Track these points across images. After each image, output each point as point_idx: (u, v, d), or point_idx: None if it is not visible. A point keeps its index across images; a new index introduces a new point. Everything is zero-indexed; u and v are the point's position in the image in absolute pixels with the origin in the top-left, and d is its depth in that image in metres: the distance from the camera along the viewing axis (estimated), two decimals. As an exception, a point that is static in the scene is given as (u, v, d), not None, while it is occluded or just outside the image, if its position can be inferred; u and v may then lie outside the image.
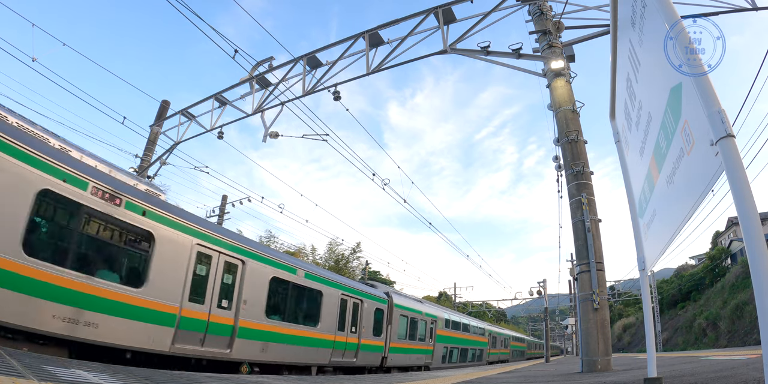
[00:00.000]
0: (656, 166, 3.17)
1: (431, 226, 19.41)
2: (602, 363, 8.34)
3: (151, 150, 16.93)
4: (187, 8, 9.53)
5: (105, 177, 6.72)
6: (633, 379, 5.26)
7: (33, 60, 10.97)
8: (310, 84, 13.63)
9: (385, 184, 14.60)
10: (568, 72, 10.57)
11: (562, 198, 16.71)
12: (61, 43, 11.78)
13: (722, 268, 37.60)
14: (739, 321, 27.07)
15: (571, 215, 9.79)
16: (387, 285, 22.02)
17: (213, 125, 15.61)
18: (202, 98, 16.37)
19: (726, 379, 4.04)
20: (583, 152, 9.93)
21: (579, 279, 9.43)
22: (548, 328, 29.45)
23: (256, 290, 9.09)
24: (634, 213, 4.49)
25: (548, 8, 11.21)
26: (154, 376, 4.52)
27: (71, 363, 4.54)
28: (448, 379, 7.55)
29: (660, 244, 3.54)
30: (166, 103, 17.66)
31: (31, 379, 2.88)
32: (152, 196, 7.62)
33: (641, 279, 4.50)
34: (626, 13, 3.35)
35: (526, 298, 41.04)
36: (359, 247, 37.35)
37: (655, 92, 2.86)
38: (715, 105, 1.88)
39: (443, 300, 57.78)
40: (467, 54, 11.47)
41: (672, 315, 41.65)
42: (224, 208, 23.79)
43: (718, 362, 7.13)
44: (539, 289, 30.19)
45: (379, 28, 12.67)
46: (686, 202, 2.52)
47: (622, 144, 4.80)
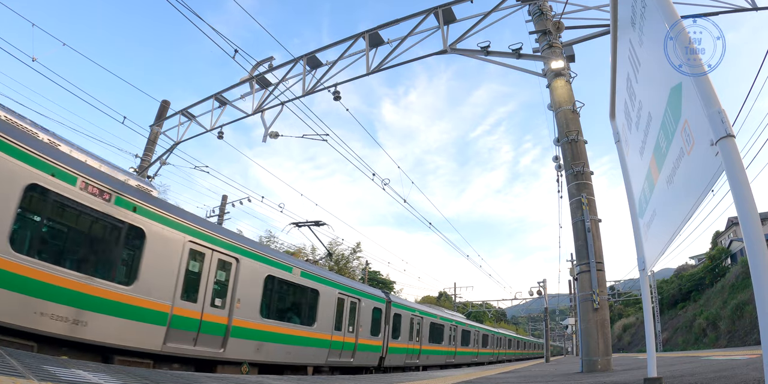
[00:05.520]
0: (656, 166, 3.17)
1: (431, 226, 19.43)
2: (602, 363, 8.34)
3: (151, 150, 16.93)
4: (187, 8, 9.54)
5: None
6: (633, 379, 5.26)
7: (33, 60, 10.98)
8: (310, 84, 13.63)
9: (385, 184, 14.60)
10: (568, 72, 10.57)
11: (562, 198, 16.74)
12: (61, 43, 11.78)
13: (722, 268, 37.61)
14: (739, 321, 27.08)
15: (571, 215, 9.79)
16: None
17: (213, 125, 15.61)
18: (201, 98, 16.38)
19: (726, 379, 4.04)
20: (583, 152, 9.93)
21: (579, 279, 9.43)
22: (548, 328, 29.46)
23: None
24: (634, 213, 4.49)
25: (548, 8, 11.22)
26: (154, 376, 4.52)
27: (71, 363, 4.54)
28: (448, 379, 7.55)
29: (660, 244, 3.54)
30: (166, 103, 17.66)
31: (31, 379, 2.87)
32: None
33: (641, 279, 4.50)
34: (626, 13, 3.35)
35: (526, 298, 41.07)
36: (359, 247, 37.40)
37: (655, 92, 2.86)
38: (715, 105, 1.88)
39: (443, 300, 57.77)
40: (467, 54, 11.48)
41: (672, 315, 41.66)
42: (224, 208, 23.79)
43: (718, 362, 7.13)
44: (539, 289, 30.20)
45: (379, 28, 12.67)
46: (686, 202, 2.52)
47: (622, 144, 4.80)
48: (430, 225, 19.42)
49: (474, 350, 25.13)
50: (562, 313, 65.30)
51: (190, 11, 9.61)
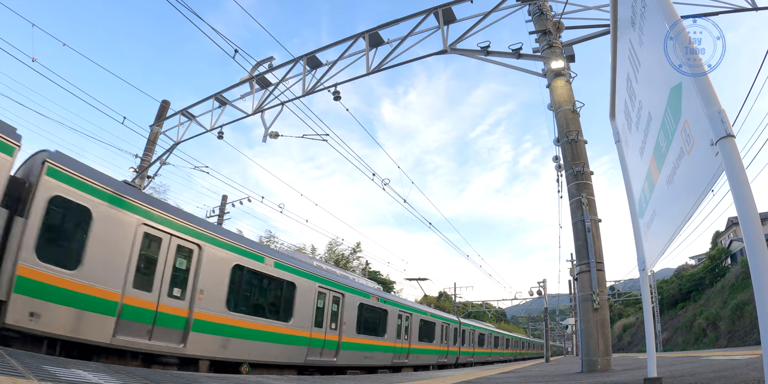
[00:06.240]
0: (656, 166, 3.17)
1: (431, 226, 19.43)
2: (602, 363, 8.34)
3: (151, 150, 16.93)
4: (187, 8, 9.54)
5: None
6: (633, 379, 5.26)
7: (33, 60, 10.98)
8: (310, 84, 13.63)
9: (385, 184, 14.60)
10: (568, 72, 10.57)
11: (562, 198, 16.74)
12: (61, 43, 11.78)
13: (722, 268, 37.61)
14: (739, 321, 27.08)
15: (571, 215, 9.78)
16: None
17: (213, 125, 15.61)
18: (201, 98, 16.38)
19: (726, 379, 4.04)
20: (583, 152, 9.93)
21: (579, 279, 9.43)
22: (548, 328, 29.47)
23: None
24: (634, 213, 4.49)
25: (548, 8, 11.22)
26: (154, 376, 4.52)
27: (71, 363, 4.54)
28: (448, 379, 7.55)
29: (660, 244, 3.54)
30: (166, 103, 17.67)
31: (31, 379, 2.87)
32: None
33: (641, 279, 4.50)
34: (626, 13, 3.35)
35: (526, 298, 41.04)
36: (359, 247, 37.41)
37: (655, 92, 2.86)
38: (715, 105, 1.88)
39: (443, 300, 57.76)
40: (467, 54, 11.48)
41: (672, 315, 41.66)
42: (224, 208, 23.79)
43: (718, 362, 7.13)
44: (539, 289, 30.21)
45: (379, 28, 12.67)
46: (686, 202, 2.52)
47: (622, 144, 4.80)
48: (430, 225, 19.43)
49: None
50: (562, 313, 65.30)
51: (190, 11, 9.62)
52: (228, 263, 8.76)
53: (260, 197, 21.56)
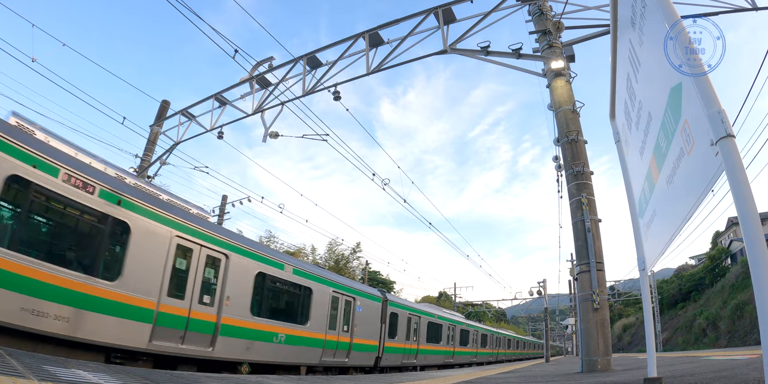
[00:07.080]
0: (656, 166, 3.17)
1: (431, 225, 19.43)
2: (602, 363, 8.34)
3: (151, 150, 16.93)
4: (187, 8, 9.54)
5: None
6: (633, 379, 5.26)
7: (33, 60, 10.98)
8: (309, 84, 13.63)
9: (385, 184, 14.60)
10: (568, 72, 10.57)
11: (562, 198, 16.74)
12: (61, 43, 11.78)
13: (722, 268, 37.61)
14: (739, 321, 27.09)
15: (571, 215, 9.78)
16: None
17: (213, 125, 15.61)
18: (201, 98, 16.39)
19: (726, 379, 4.04)
20: (583, 152, 9.93)
21: (579, 279, 9.43)
22: (548, 328, 29.48)
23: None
24: (634, 213, 4.49)
25: (548, 8, 11.22)
26: (155, 376, 4.52)
27: (71, 363, 4.53)
28: (448, 379, 7.55)
29: (660, 244, 3.54)
30: (166, 103, 17.67)
31: (31, 379, 2.87)
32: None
33: (641, 279, 4.50)
34: (626, 13, 3.35)
35: (526, 298, 41.05)
36: (359, 247, 37.38)
37: (655, 92, 2.86)
38: (715, 105, 1.88)
39: (443, 300, 57.75)
40: (467, 54, 11.48)
41: (672, 315, 41.66)
42: (224, 208, 23.79)
43: (718, 362, 7.13)
44: (539, 289, 30.20)
45: (379, 28, 12.67)
46: (686, 202, 2.52)
47: (622, 144, 4.80)
48: (430, 225, 19.43)
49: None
50: (562, 313, 65.30)
51: (190, 11, 9.62)
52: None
53: (260, 197, 21.58)
